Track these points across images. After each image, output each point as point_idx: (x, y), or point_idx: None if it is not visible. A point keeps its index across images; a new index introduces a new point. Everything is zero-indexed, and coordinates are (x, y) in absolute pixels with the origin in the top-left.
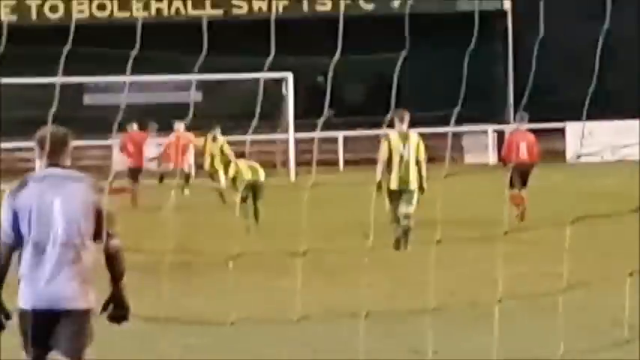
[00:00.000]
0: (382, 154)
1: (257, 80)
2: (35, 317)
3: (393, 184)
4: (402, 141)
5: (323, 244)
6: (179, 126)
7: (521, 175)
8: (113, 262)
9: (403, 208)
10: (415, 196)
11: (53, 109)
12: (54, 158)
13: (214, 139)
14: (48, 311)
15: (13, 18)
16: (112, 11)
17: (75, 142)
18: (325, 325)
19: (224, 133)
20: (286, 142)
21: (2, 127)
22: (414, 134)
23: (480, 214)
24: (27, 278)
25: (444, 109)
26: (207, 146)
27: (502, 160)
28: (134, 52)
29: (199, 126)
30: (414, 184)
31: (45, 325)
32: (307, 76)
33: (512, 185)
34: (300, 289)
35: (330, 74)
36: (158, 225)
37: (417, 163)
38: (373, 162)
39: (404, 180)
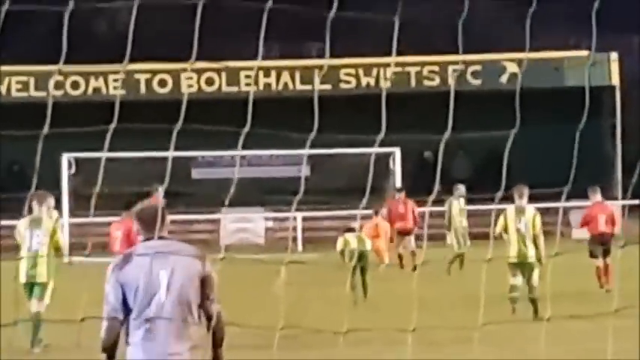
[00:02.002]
0: (497, 228)
1: (364, 154)
2: None
3: (512, 258)
4: (518, 215)
5: (432, 319)
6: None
7: (602, 246)
8: (213, 328)
9: (527, 281)
10: (536, 268)
11: (165, 184)
12: (154, 231)
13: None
14: None
15: (122, 92)
16: (220, 85)
17: (183, 216)
18: None
19: (332, 208)
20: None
21: (110, 201)
22: (530, 208)
23: (587, 289)
24: (135, 347)
25: (550, 185)
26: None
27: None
28: (245, 129)
29: (307, 200)
30: (532, 258)
31: None
32: (414, 151)
33: (592, 256)
34: None
35: (441, 150)
36: (269, 300)
37: (534, 237)
38: (482, 236)
39: (523, 254)
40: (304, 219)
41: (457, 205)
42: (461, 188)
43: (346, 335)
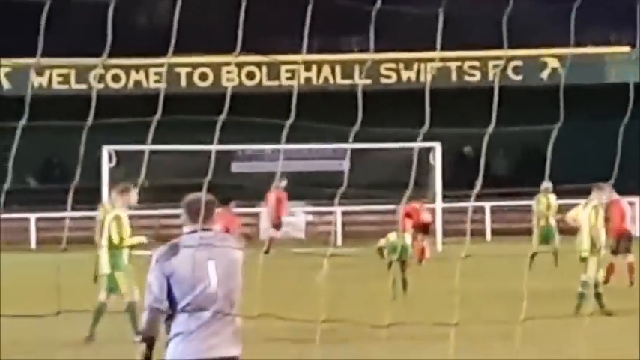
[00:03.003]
0: (572, 212)
1: (403, 149)
2: None
3: (580, 252)
4: (584, 208)
5: (473, 315)
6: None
7: (626, 242)
8: None
9: (583, 276)
10: (593, 261)
11: (209, 177)
12: (202, 222)
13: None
14: None
15: (163, 85)
16: (260, 80)
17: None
18: None
19: (372, 202)
20: (433, 212)
21: (150, 194)
22: (591, 203)
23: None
24: (182, 337)
25: (590, 181)
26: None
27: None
28: (289, 121)
29: (347, 195)
30: (586, 252)
31: None
32: (454, 146)
33: (616, 252)
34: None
35: (484, 146)
36: (308, 294)
37: (590, 230)
38: (520, 232)
39: (583, 247)
40: (344, 213)
41: (545, 202)
42: (547, 185)
43: (386, 330)
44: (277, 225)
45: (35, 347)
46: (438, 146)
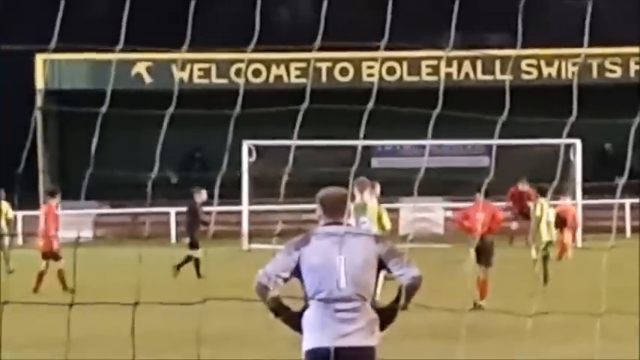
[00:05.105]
0: None
1: (544, 146)
2: (326, 356)
3: None
4: None
5: (612, 311)
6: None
7: None
8: (405, 290)
9: None
10: None
11: (353, 172)
12: (335, 216)
13: None
14: (338, 349)
15: (303, 81)
16: (401, 75)
17: None
18: None
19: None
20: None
21: (290, 189)
22: None
23: None
24: (315, 325)
25: None
26: None
27: None
28: (435, 114)
29: (487, 191)
30: None
31: None
32: (595, 143)
33: None
34: (579, 355)
35: (631, 142)
36: (449, 286)
37: None
38: None
39: None
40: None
41: None
42: None
43: (529, 326)
44: (514, 218)
45: (181, 340)
46: (578, 142)
